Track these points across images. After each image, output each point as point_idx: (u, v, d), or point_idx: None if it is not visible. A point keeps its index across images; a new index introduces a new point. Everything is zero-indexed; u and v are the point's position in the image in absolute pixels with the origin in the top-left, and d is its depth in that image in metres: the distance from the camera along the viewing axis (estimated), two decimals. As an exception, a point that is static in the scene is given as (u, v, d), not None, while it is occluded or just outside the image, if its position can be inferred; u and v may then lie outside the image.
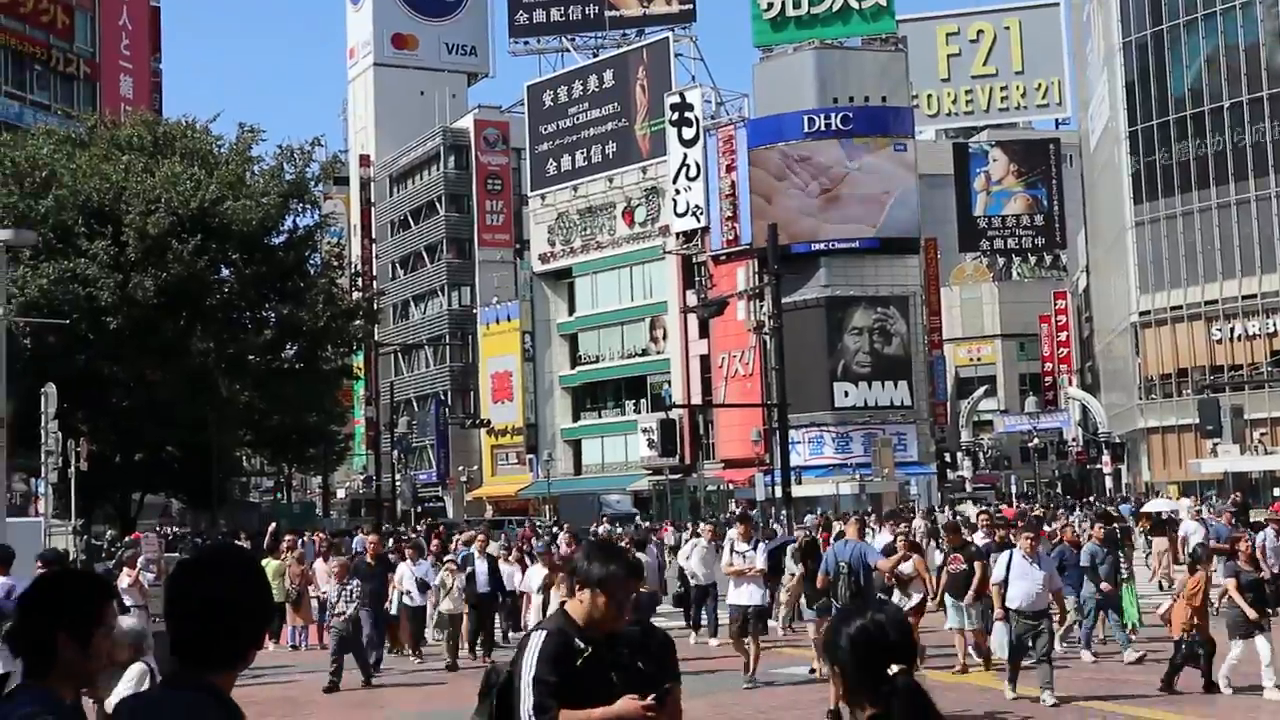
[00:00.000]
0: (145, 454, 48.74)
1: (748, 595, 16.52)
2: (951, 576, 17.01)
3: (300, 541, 27.19)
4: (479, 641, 20.29)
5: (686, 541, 25.20)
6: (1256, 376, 59.66)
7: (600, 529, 42.41)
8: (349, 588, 17.94)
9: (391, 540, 27.99)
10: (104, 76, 65.94)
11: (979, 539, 18.90)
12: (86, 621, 3.56)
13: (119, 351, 42.58)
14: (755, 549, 17.28)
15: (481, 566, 20.75)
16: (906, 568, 16.72)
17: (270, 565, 21.89)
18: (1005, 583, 14.59)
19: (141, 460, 48.80)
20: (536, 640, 4.91)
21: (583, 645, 4.84)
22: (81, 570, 4.65)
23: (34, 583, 3.75)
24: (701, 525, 28.33)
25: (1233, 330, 62.43)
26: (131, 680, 7.66)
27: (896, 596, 16.42)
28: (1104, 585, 17.75)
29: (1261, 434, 57.32)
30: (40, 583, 3.72)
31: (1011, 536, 17.40)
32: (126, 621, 13.73)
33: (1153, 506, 39.52)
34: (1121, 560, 19.00)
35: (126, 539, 33.96)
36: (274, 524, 35.32)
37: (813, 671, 16.36)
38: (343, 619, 17.60)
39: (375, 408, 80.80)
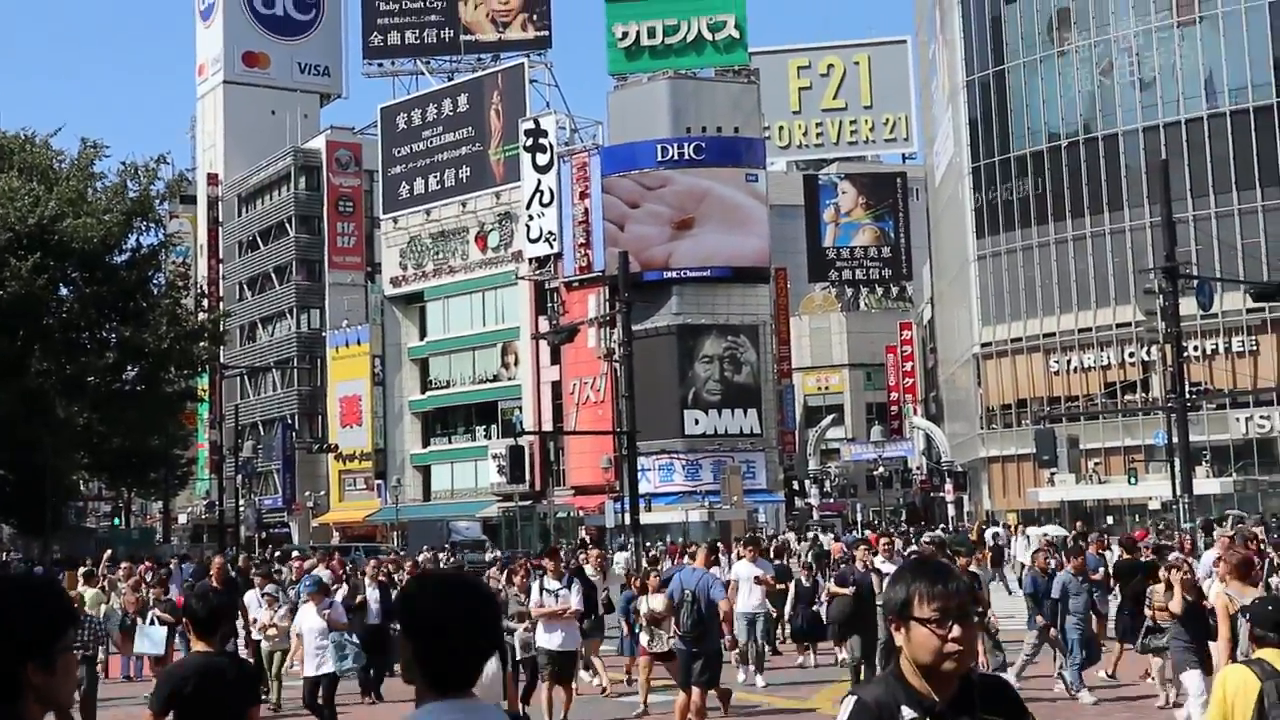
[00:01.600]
0: (-26, 476, 47.20)
1: (559, 639, 15.06)
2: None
3: (136, 569, 26.29)
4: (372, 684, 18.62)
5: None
6: (1091, 408, 61.50)
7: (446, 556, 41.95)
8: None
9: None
10: (-61, 87, 63.88)
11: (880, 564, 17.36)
12: (50, 645, 3.35)
13: (-51, 370, 41.19)
14: (569, 587, 15.45)
15: (373, 594, 19.67)
16: (657, 604, 15.24)
17: (87, 593, 20.90)
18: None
19: (-30, 483, 47.24)
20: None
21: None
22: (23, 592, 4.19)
23: None
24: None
25: (1069, 362, 64.31)
26: None
27: (645, 639, 15.55)
28: (1041, 621, 16.68)
29: (1096, 463, 59.12)
30: None
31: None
32: None
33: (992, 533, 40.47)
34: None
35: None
36: (109, 550, 34.39)
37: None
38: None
39: (220, 431, 79.20)
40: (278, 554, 41.28)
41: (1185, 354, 32.80)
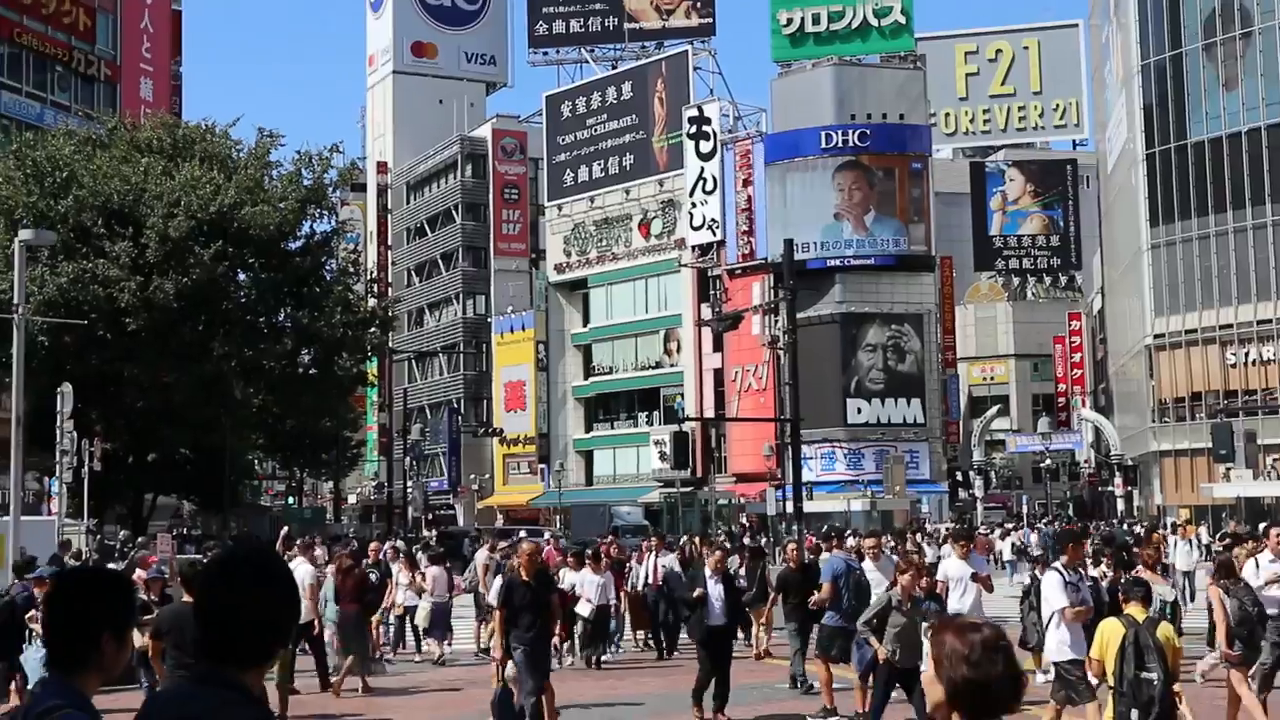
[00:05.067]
0: (158, 455, 48.90)
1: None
2: None
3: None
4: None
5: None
6: (1270, 401, 59.53)
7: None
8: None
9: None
10: (124, 78, 66.21)
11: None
12: (126, 621, 3.64)
13: (137, 353, 42.71)
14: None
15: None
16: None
17: None
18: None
19: (154, 461, 48.96)
20: None
21: None
22: (112, 570, 4.72)
23: (68, 581, 3.76)
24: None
25: (1247, 355, 62.29)
26: None
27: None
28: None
29: (1275, 459, 57.14)
30: (77, 581, 3.74)
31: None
32: None
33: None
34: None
35: (139, 539, 34.07)
36: (285, 528, 35.47)
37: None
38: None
39: (388, 414, 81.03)
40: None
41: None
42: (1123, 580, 12.33)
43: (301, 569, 17.77)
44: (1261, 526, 20.93)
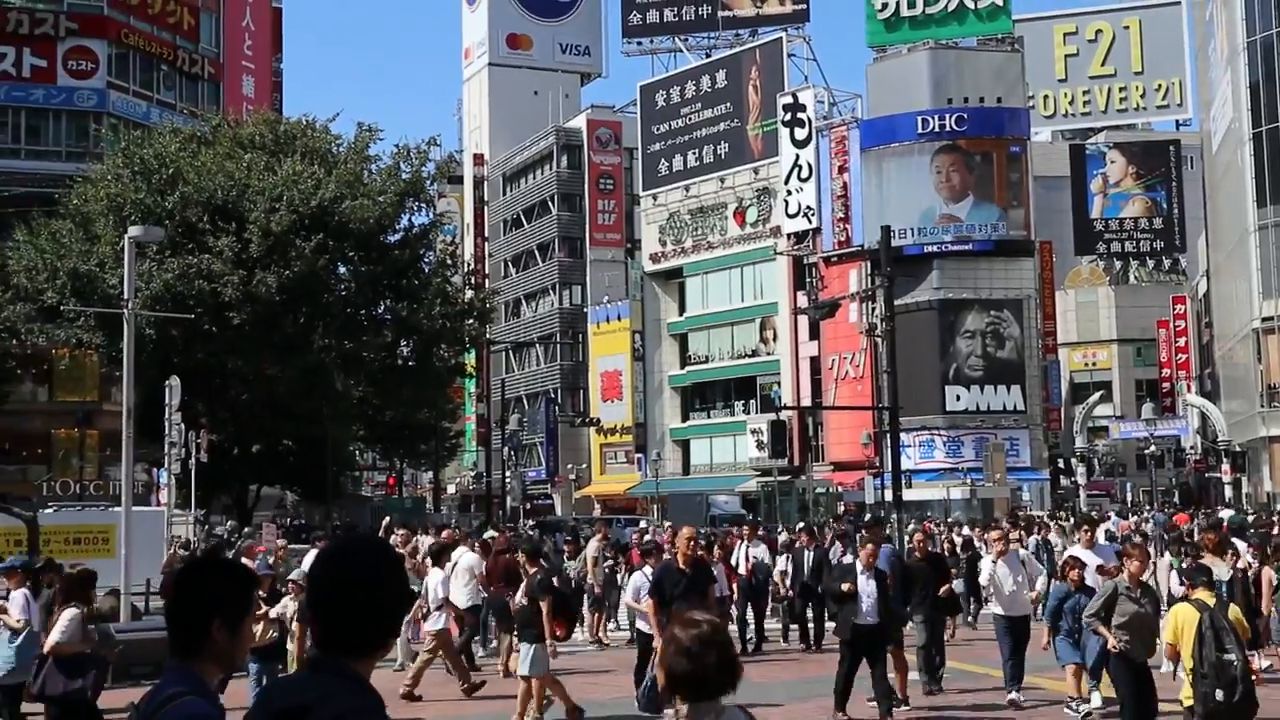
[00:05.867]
0: (262, 446, 49.73)
1: None
2: None
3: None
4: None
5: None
6: (1384, 385, 58.08)
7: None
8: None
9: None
10: (227, 76, 67.38)
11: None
12: (239, 610, 3.73)
13: (240, 346, 43.47)
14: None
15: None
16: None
17: None
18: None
19: (258, 452, 49.82)
20: None
21: None
22: (231, 560, 4.82)
23: (188, 570, 3.88)
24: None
25: (1359, 337, 60.84)
26: None
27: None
28: None
29: (1388, 444, 55.84)
30: (194, 571, 3.86)
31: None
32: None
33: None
34: None
35: (245, 529, 34.68)
36: (386, 518, 35.95)
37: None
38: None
39: (486, 405, 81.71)
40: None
41: None
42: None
43: (468, 557, 19.38)
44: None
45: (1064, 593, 14.12)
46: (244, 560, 18.80)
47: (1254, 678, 10.20)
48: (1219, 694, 9.86)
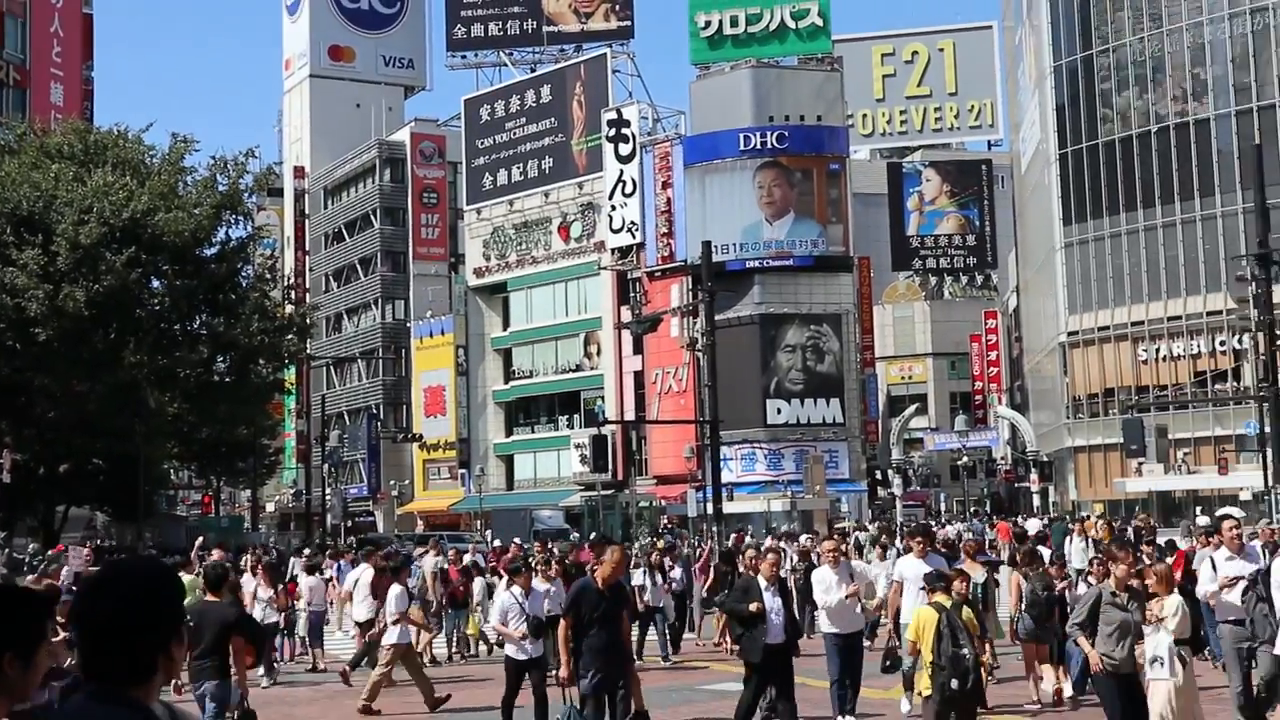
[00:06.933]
0: (70, 466, 48.12)
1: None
2: None
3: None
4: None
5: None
6: (1180, 397, 60.59)
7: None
8: None
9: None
10: (34, 84, 65.11)
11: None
12: (33, 641, 3.52)
13: (48, 362, 42.01)
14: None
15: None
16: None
17: (185, 579, 21.48)
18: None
19: (66, 471, 48.16)
20: None
21: None
22: (22, 588, 4.54)
23: None
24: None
25: (1158, 351, 63.39)
26: None
27: None
28: None
29: (1185, 454, 58.24)
30: None
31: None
32: None
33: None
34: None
35: (49, 553, 33.48)
36: (201, 537, 35.06)
37: None
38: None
39: (306, 421, 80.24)
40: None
41: (1278, 342, 32.16)
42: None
43: (366, 574, 20.71)
44: (1219, 514, 20.96)
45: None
46: (48, 582, 18.14)
47: (985, 670, 11.91)
48: (954, 683, 11.10)
